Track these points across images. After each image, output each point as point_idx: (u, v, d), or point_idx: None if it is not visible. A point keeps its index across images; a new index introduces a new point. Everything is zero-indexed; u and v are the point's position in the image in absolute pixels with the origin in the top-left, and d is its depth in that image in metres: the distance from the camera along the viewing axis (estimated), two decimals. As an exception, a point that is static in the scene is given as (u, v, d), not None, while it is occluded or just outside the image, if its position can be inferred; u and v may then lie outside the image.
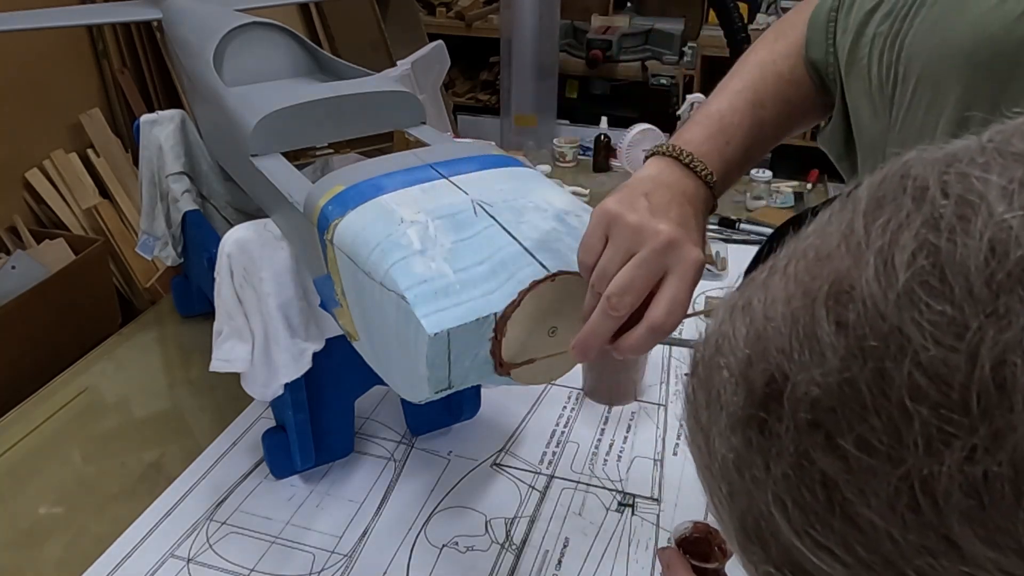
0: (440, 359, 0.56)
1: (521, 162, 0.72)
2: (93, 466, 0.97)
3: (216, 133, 1.02)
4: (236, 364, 0.83)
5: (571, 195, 0.69)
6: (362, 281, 0.61)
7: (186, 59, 1.07)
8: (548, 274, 0.58)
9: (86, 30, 2.19)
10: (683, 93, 3.23)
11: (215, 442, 0.99)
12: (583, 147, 1.95)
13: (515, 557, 0.83)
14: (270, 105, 0.83)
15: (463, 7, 3.75)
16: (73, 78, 2.16)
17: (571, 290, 0.59)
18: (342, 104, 0.86)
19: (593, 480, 0.94)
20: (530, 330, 0.58)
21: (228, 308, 0.83)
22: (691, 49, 3.44)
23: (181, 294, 1.25)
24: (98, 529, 0.87)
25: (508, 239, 0.60)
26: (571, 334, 0.60)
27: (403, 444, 0.99)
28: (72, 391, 1.09)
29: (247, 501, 0.90)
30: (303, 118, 0.85)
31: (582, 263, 0.56)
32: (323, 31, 2.63)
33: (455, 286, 0.57)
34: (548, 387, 1.09)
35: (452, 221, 0.61)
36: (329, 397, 0.90)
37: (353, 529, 0.87)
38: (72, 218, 2.06)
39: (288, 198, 0.75)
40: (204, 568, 0.82)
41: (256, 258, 0.81)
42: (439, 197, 0.64)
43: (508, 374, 0.59)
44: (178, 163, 1.11)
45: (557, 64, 3.37)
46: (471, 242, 0.60)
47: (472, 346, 0.57)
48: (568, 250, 0.61)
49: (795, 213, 1.62)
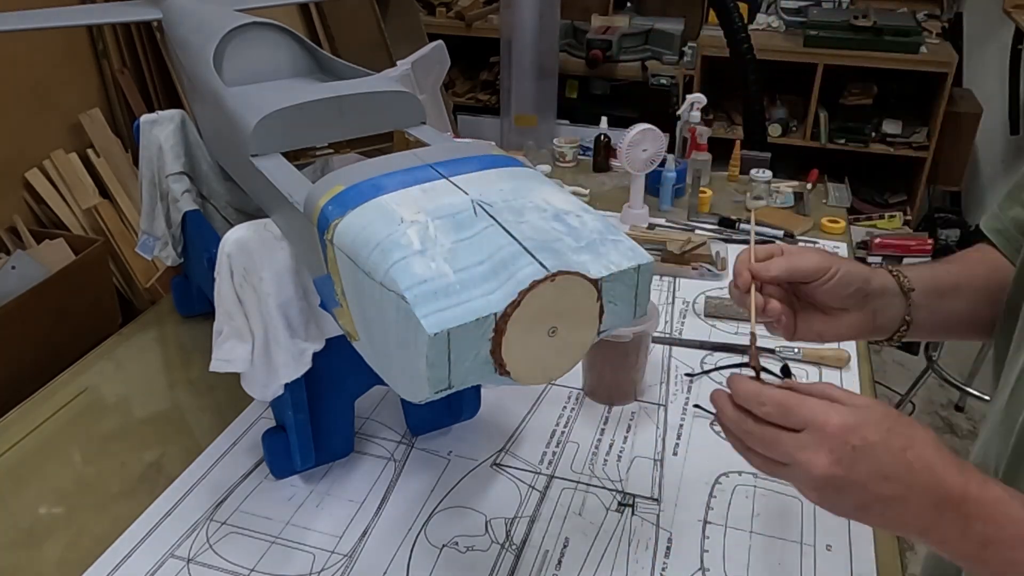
0: (440, 359, 0.56)
1: (521, 162, 0.72)
2: (93, 466, 0.97)
3: (216, 133, 1.02)
4: (236, 364, 0.83)
5: (571, 195, 0.69)
6: (362, 281, 0.61)
7: (186, 59, 1.06)
8: (548, 274, 0.58)
9: (86, 30, 2.19)
10: (683, 93, 3.23)
11: (215, 442, 0.99)
12: (583, 147, 1.95)
13: (515, 557, 0.83)
14: (270, 105, 0.83)
15: (463, 7, 3.75)
16: (73, 78, 2.16)
17: (571, 290, 0.59)
18: (342, 104, 0.86)
19: (593, 480, 0.94)
20: (530, 330, 0.58)
21: (228, 308, 0.83)
22: (691, 49, 3.44)
23: (181, 294, 1.25)
24: (98, 529, 0.87)
25: (508, 239, 0.60)
26: (571, 334, 0.61)
27: (403, 444, 0.99)
28: (72, 391, 1.09)
29: (247, 501, 0.91)
30: (303, 118, 0.85)
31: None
32: (323, 31, 2.63)
33: (455, 286, 0.57)
34: (548, 387, 1.09)
35: (452, 221, 0.61)
36: (329, 397, 0.90)
37: (353, 529, 0.87)
38: (72, 218, 2.06)
39: (288, 198, 0.75)
40: (204, 568, 0.82)
41: (256, 258, 0.81)
42: (439, 197, 0.64)
43: (508, 374, 0.59)
44: (178, 163, 1.11)
45: (557, 64, 3.38)
46: (471, 242, 0.60)
47: (472, 346, 0.57)
48: (568, 250, 0.60)
49: (795, 213, 1.63)
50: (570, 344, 0.61)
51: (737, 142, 1.90)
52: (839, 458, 0.54)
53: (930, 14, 3.48)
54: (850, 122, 3.37)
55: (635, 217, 1.56)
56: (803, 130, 3.41)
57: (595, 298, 0.61)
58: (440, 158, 0.70)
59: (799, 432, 0.56)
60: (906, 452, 0.54)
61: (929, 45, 3.22)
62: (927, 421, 2.66)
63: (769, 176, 1.65)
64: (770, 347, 1.17)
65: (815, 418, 0.55)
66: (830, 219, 1.59)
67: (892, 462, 0.54)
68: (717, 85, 3.40)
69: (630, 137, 1.44)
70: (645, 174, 1.53)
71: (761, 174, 1.64)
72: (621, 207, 1.58)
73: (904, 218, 3.18)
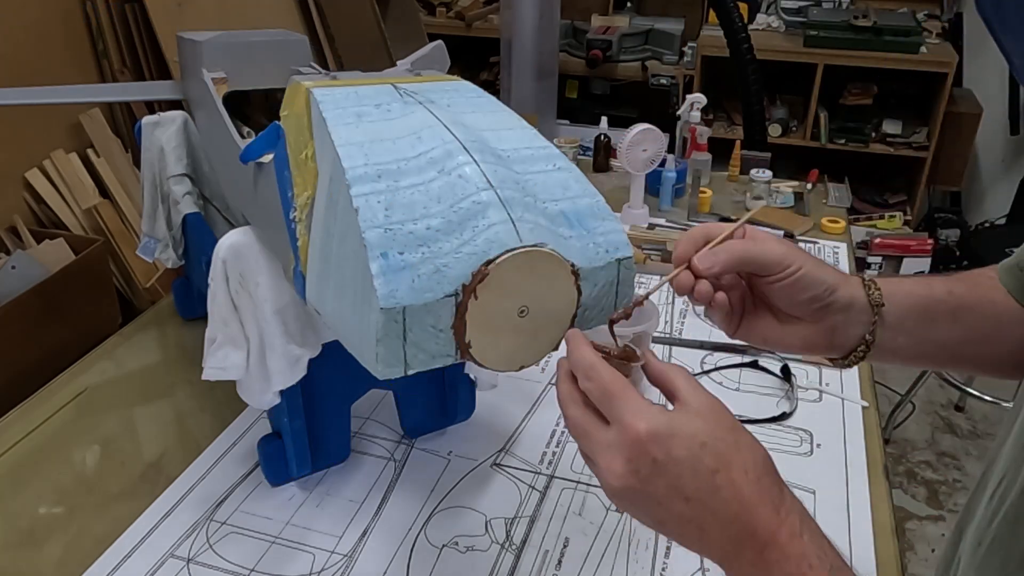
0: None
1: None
2: (93, 466, 0.97)
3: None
4: (231, 372, 0.82)
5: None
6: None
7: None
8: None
9: (86, 30, 2.19)
10: (683, 93, 3.23)
11: (215, 442, 0.99)
12: (583, 147, 1.96)
13: (515, 557, 0.83)
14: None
15: (463, 7, 3.75)
16: (73, 78, 2.16)
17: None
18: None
19: (593, 480, 0.94)
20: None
21: (223, 314, 0.82)
22: (691, 49, 3.44)
23: (182, 296, 1.25)
24: (98, 529, 0.87)
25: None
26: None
27: (403, 444, 0.99)
28: (72, 391, 1.09)
29: (247, 501, 0.91)
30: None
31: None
32: (323, 31, 2.63)
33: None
34: (548, 387, 1.09)
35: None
36: (325, 403, 0.90)
37: (353, 529, 0.87)
38: (72, 218, 2.06)
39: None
40: (204, 568, 0.82)
41: (252, 263, 0.80)
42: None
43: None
44: (180, 165, 1.11)
45: (557, 64, 3.38)
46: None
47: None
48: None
49: (795, 213, 1.63)
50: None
51: (737, 142, 1.90)
52: (636, 469, 0.48)
53: (930, 14, 3.47)
54: (850, 122, 3.37)
55: (635, 217, 1.56)
56: (803, 130, 3.41)
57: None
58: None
59: (609, 426, 0.50)
60: (715, 475, 0.48)
61: (929, 45, 3.22)
62: (927, 421, 2.66)
63: (769, 176, 1.65)
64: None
65: (623, 417, 0.49)
66: (830, 219, 1.59)
67: (695, 482, 0.48)
68: (717, 85, 3.40)
69: (630, 137, 1.44)
70: (645, 174, 1.53)
71: (761, 174, 1.64)
72: (621, 207, 1.58)
73: (904, 218, 3.19)
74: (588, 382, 0.51)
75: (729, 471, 0.48)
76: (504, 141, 0.64)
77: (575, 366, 0.53)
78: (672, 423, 0.49)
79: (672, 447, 0.48)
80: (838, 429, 1.02)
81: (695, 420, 0.50)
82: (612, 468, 0.49)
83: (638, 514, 0.51)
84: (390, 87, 0.69)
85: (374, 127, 0.62)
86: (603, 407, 0.51)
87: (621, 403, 0.50)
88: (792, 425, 1.03)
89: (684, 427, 0.49)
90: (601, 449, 0.50)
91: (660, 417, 0.49)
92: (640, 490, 0.49)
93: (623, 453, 0.49)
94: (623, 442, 0.49)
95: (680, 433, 0.48)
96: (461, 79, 0.76)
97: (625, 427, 0.49)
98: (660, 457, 0.48)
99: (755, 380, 1.12)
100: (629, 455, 0.48)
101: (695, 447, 0.48)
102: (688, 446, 0.48)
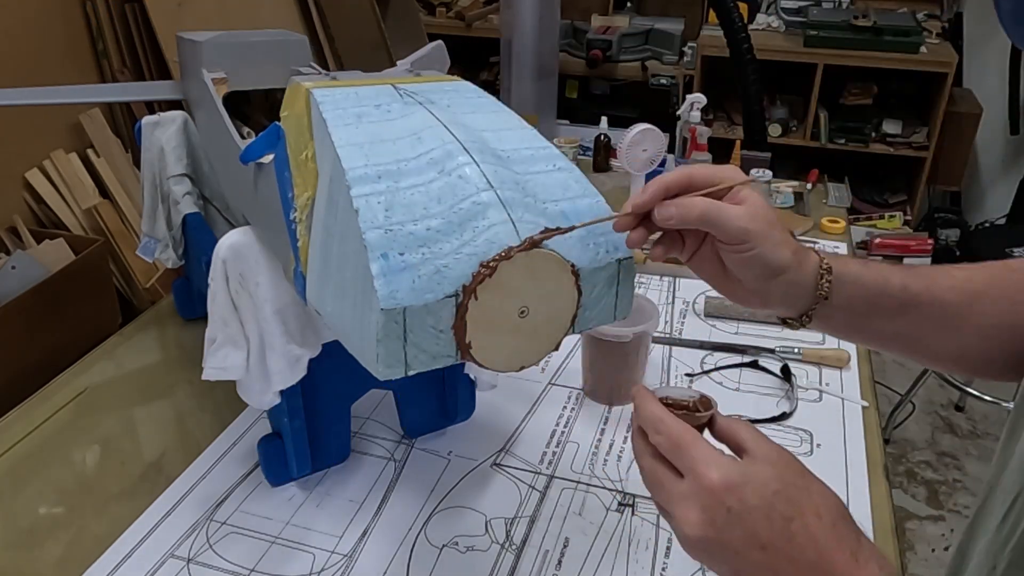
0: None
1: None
2: (93, 466, 0.97)
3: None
4: (231, 372, 0.82)
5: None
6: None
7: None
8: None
9: (86, 30, 2.19)
10: (683, 93, 3.23)
11: (215, 442, 0.99)
12: (583, 147, 1.95)
13: (515, 557, 0.83)
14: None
15: (463, 7, 3.75)
16: (73, 78, 2.16)
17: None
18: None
19: (593, 480, 0.94)
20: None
21: (223, 314, 0.82)
22: (691, 49, 3.44)
23: (183, 297, 1.24)
24: (98, 529, 0.87)
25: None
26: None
27: (403, 444, 0.99)
28: (72, 391, 1.09)
29: (247, 501, 0.91)
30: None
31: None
32: (323, 31, 2.63)
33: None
34: (548, 387, 1.10)
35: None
36: (325, 403, 0.90)
37: (353, 529, 0.87)
38: (72, 218, 2.07)
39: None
40: (204, 568, 0.82)
41: (252, 263, 0.80)
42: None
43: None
44: (180, 165, 1.11)
45: (557, 64, 3.38)
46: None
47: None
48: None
49: (795, 213, 1.63)
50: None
51: (737, 142, 1.90)
52: (711, 518, 0.49)
53: (930, 14, 3.47)
54: (850, 122, 3.37)
55: (635, 217, 1.56)
56: (803, 130, 3.41)
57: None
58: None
59: (683, 478, 0.51)
60: (790, 522, 0.48)
61: (929, 45, 3.22)
62: (927, 421, 2.66)
63: (769, 176, 1.65)
64: (770, 347, 1.17)
65: (696, 467, 0.50)
66: (830, 219, 1.59)
67: (770, 530, 0.48)
68: (717, 85, 3.40)
69: (630, 137, 1.44)
70: (645, 174, 1.53)
71: (761, 174, 1.64)
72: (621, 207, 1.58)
73: (904, 218, 3.19)
74: (657, 435, 0.53)
75: (803, 517, 0.49)
76: (504, 141, 0.64)
77: (643, 422, 0.54)
78: (744, 471, 0.50)
79: (746, 495, 0.49)
80: (838, 429, 1.02)
81: (766, 468, 0.50)
82: (688, 518, 0.50)
83: (715, 564, 0.52)
84: (390, 87, 0.69)
85: (374, 128, 0.62)
86: (674, 459, 0.52)
87: (692, 453, 0.51)
88: (792, 425, 1.03)
89: (756, 475, 0.50)
90: (676, 500, 0.51)
91: (732, 466, 0.50)
92: (716, 539, 0.49)
93: (698, 503, 0.49)
94: (697, 492, 0.50)
95: (753, 481, 0.49)
96: (461, 79, 0.76)
97: (698, 477, 0.50)
98: (734, 506, 0.49)
99: (755, 380, 1.12)
100: (704, 505, 0.49)
101: (768, 494, 0.49)
102: (761, 494, 0.49)
